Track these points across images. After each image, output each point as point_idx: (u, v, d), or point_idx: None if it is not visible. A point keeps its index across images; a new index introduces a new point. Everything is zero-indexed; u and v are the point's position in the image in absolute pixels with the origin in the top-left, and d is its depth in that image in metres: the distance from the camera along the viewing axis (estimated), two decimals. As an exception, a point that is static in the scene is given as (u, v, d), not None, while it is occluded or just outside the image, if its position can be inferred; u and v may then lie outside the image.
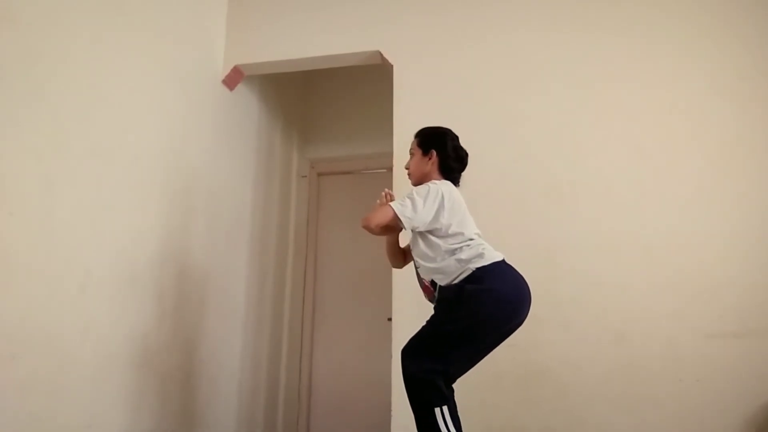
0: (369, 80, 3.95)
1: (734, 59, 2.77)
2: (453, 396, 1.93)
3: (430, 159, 2.17)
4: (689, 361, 2.52)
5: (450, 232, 2.00)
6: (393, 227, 2.09)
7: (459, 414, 1.90)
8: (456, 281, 1.96)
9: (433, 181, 2.10)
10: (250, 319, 3.53)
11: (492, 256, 1.98)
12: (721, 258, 2.59)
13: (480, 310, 1.91)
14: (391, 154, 2.95)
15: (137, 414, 2.48)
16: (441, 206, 2.00)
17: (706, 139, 2.73)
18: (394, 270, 2.58)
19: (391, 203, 2.03)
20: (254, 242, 3.64)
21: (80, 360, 2.17)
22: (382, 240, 2.29)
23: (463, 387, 2.01)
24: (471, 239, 2.02)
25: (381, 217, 2.02)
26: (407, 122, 2.80)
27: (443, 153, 2.17)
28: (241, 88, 3.50)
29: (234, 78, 3.38)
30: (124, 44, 2.51)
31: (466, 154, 2.22)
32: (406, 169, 2.26)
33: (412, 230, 2.07)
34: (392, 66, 3.10)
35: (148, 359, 2.56)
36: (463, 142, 2.24)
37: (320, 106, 4.54)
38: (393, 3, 3.20)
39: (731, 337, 2.50)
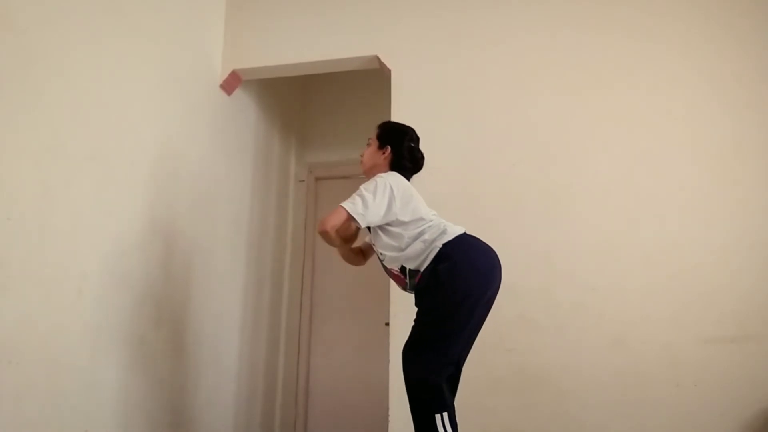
0: (367, 85, 3.95)
1: (732, 64, 2.78)
2: (453, 403, 1.92)
3: (383, 153, 2.22)
4: (687, 366, 2.52)
5: (407, 219, 2.03)
6: (351, 235, 2.10)
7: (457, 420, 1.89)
8: (427, 263, 1.97)
9: (379, 174, 2.12)
10: (247, 324, 3.52)
11: (454, 231, 2.01)
12: (719, 263, 2.60)
13: (457, 287, 1.91)
14: (389, 159, 2.94)
15: (133, 418, 2.46)
16: (392, 198, 2.02)
17: (704, 144, 2.73)
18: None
19: (342, 203, 2.03)
20: (252, 246, 3.63)
21: (77, 365, 2.16)
22: None
23: (460, 392, 2.02)
24: (431, 221, 2.04)
25: (335, 219, 2.01)
26: (405, 127, 2.80)
27: (398, 151, 2.21)
28: (239, 92, 3.50)
29: (232, 82, 3.38)
30: (122, 49, 2.51)
31: (422, 157, 2.25)
32: (361, 156, 2.30)
33: (367, 226, 2.07)
34: (390, 71, 3.11)
35: (145, 364, 2.55)
36: (461, 146, 2.25)
37: (318, 110, 4.54)
38: (391, 8, 3.20)
39: (729, 342, 2.51)
